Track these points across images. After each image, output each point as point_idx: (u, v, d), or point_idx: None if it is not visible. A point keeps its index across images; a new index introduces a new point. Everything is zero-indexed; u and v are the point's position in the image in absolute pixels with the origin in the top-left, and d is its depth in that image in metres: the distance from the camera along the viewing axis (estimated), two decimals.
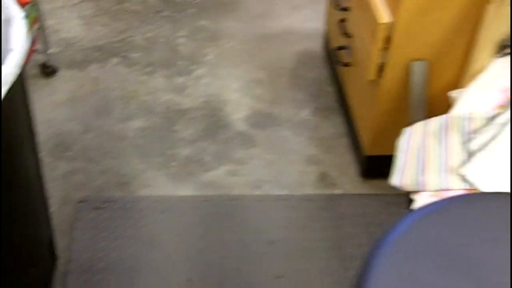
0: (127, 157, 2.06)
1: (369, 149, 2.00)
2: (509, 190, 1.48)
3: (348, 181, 2.08)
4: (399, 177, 1.63)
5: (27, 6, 2.01)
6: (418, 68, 1.77)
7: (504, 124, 1.54)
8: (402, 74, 1.79)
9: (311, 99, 2.37)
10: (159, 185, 1.99)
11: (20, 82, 1.32)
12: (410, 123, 1.79)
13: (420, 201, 1.56)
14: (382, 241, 1.03)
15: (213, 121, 2.24)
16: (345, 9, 2.04)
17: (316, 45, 2.62)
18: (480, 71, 1.67)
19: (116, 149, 2.09)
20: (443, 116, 1.62)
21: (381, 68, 1.79)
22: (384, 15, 1.71)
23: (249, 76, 2.45)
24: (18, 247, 1.41)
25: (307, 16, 2.78)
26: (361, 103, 2.05)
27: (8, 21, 1.37)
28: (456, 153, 1.56)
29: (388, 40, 1.72)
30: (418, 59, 1.76)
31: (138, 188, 1.97)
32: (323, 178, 2.08)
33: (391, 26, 1.69)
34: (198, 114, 2.26)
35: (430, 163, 1.58)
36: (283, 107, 2.33)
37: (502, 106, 1.59)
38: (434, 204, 1.08)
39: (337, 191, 2.04)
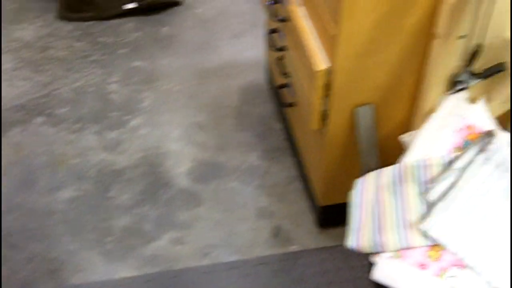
0: (56, 237, 1.84)
1: (323, 200, 1.81)
2: (476, 241, 1.32)
3: (304, 233, 1.88)
4: (355, 238, 1.45)
5: None
6: (364, 114, 1.58)
7: (463, 169, 1.37)
8: (348, 121, 1.60)
9: (259, 140, 2.17)
10: (94, 267, 1.77)
11: None
12: (362, 171, 1.60)
13: (380, 264, 1.39)
14: None
15: (152, 180, 2.03)
16: (281, 49, 1.83)
17: (260, 76, 2.41)
18: (431, 110, 1.49)
19: (43, 229, 1.86)
20: (396, 166, 1.44)
21: (324, 116, 1.60)
22: (321, 61, 1.51)
23: (191, 120, 2.24)
24: None
25: (249, 44, 2.57)
26: (309, 148, 1.85)
27: None
28: (414, 206, 1.38)
29: (328, 86, 1.52)
30: (363, 104, 1.56)
31: (70, 274, 1.75)
32: (277, 233, 1.88)
33: (330, 72, 1.49)
34: (135, 173, 2.04)
35: (387, 219, 1.40)
36: (229, 153, 2.12)
37: (459, 148, 1.41)
38: None
39: (293, 247, 1.84)
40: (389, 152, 1.60)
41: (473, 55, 1.43)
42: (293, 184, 2.02)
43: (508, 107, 1.53)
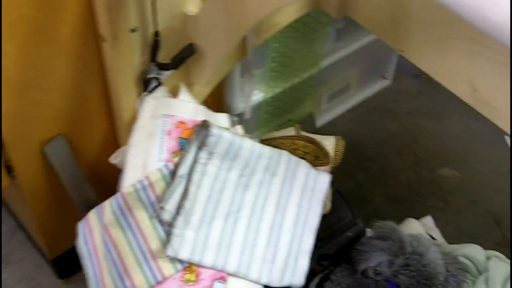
0: None
1: (50, 253, 1.50)
2: (229, 243, 1.16)
3: None
4: None
5: None
6: (54, 149, 1.27)
7: (189, 173, 1.15)
8: (41, 163, 1.28)
9: None
10: None
11: None
12: (81, 212, 1.31)
13: None
14: None
15: None
16: None
17: None
18: (132, 120, 1.23)
19: None
20: (116, 196, 1.18)
21: (9, 169, 1.26)
22: None
23: None
24: None
25: None
26: (13, 200, 1.51)
27: None
28: (152, 233, 1.15)
29: None
30: (50, 139, 1.25)
31: None
32: None
33: None
34: None
35: (128, 259, 1.16)
36: None
37: (177, 152, 1.18)
38: None
39: None
40: (110, 180, 1.32)
41: (155, 45, 1.18)
42: (15, 237, 1.67)
43: (211, 87, 1.33)
